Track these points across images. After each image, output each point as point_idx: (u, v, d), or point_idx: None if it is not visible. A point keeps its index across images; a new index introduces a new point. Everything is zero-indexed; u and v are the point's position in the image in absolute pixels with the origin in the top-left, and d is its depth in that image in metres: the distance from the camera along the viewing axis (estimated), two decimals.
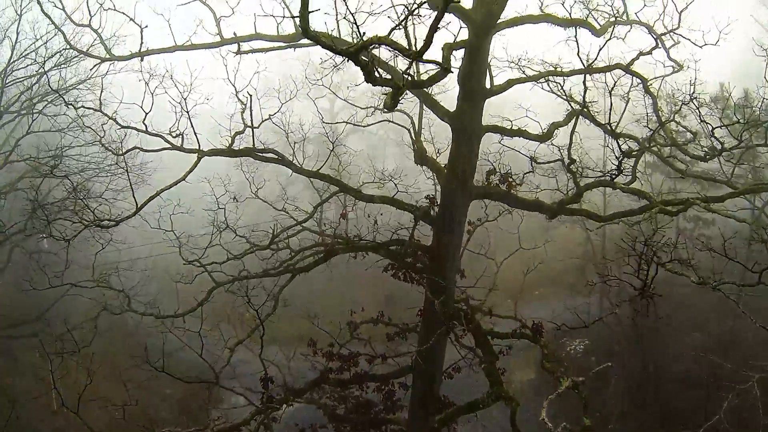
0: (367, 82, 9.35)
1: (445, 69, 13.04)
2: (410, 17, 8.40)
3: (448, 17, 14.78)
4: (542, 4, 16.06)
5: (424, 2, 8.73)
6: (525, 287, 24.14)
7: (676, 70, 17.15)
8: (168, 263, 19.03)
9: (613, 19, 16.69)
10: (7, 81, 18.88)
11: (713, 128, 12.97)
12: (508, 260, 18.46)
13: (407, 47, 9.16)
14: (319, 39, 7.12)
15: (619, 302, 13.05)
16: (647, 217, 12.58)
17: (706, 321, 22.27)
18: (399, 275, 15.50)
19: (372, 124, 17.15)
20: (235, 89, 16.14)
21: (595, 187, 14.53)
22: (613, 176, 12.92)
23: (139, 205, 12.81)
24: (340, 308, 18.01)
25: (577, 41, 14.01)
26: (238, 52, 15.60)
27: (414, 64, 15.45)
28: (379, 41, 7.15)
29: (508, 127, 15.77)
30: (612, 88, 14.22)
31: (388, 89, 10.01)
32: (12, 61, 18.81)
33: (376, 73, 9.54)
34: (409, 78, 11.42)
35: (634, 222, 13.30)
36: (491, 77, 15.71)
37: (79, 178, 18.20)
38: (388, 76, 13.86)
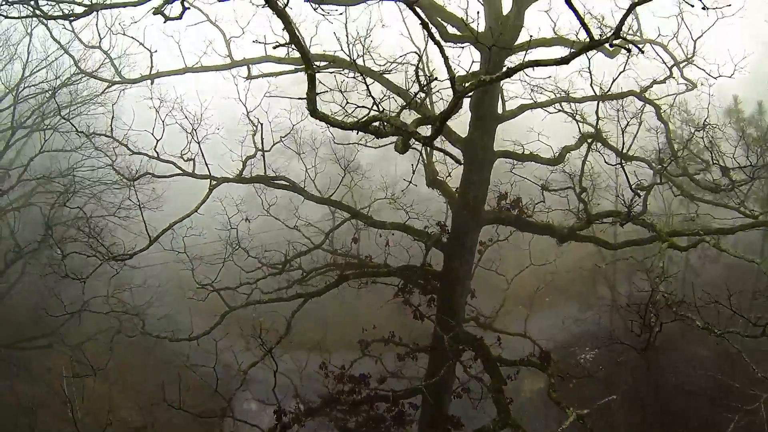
0: (378, 138, 9.56)
1: (457, 101, 13.25)
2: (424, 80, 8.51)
3: (459, 50, 14.92)
4: (555, 26, 16.12)
5: (434, 79, 8.88)
6: (535, 294, 24.46)
7: (689, 88, 17.20)
8: (181, 278, 19.42)
9: (626, 38, 16.77)
10: (20, 97, 19.11)
11: (726, 168, 12.97)
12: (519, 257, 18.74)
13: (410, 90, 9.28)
14: (327, 119, 7.32)
15: (621, 358, 13.20)
16: (657, 254, 12.71)
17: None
18: (410, 310, 15.79)
19: (383, 145, 17.25)
20: (246, 110, 16.38)
21: (605, 218, 14.65)
22: (624, 222, 13.02)
23: (151, 238, 13.10)
24: (351, 318, 18.31)
25: (590, 72, 14.02)
26: (249, 77, 15.75)
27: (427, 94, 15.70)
28: (388, 120, 7.32)
29: (520, 152, 15.93)
30: (625, 127, 14.19)
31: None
32: (24, 77, 19.05)
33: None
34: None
35: (644, 257, 13.43)
36: (503, 102, 15.83)
37: (91, 207, 18.53)
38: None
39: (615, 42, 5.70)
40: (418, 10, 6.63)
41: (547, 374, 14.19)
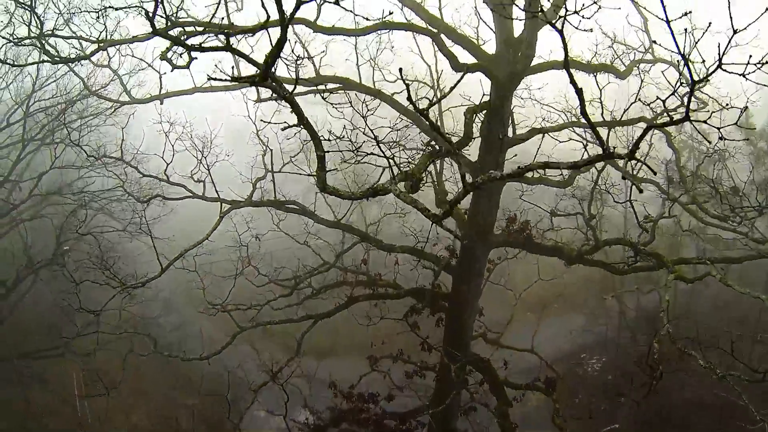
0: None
1: (466, 137, 13.41)
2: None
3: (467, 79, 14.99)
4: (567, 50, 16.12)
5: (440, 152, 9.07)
6: (543, 300, 24.78)
7: (700, 107, 17.23)
8: (191, 288, 19.79)
9: (638, 57, 16.81)
10: (30, 112, 19.28)
11: (736, 208, 13.09)
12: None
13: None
14: (338, 192, 7.54)
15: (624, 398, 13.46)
16: (664, 285, 12.92)
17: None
18: (417, 334, 16.09)
19: (393, 165, 17.39)
20: (256, 128, 16.58)
21: (614, 244, 14.84)
22: (632, 263, 13.22)
23: (163, 267, 13.40)
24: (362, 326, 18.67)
25: (602, 103, 14.12)
26: (258, 100, 15.89)
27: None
28: (398, 195, 7.50)
29: (529, 176, 16.07)
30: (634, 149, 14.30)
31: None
32: (34, 91, 19.18)
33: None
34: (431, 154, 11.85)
35: (649, 290, 13.62)
36: (514, 126, 15.94)
37: (102, 218, 18.82)
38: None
39: (632, 157, 5.83)
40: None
41: (552, 399, 14.54)
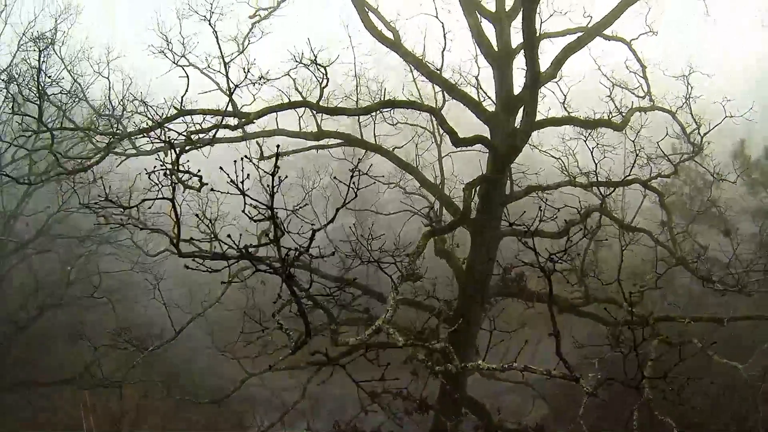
0: None
1: (465, 215, 14.30)
2: None
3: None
4: (566, 103, 16.87)
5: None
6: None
7: (696, 152, 18.07)
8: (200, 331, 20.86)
9: (636, 106, 17.55)
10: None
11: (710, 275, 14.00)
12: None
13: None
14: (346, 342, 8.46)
15: None
16: (649, 343, 13.99)
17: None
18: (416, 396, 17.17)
19: (395, 212, 18.32)
20: (260, 179, 17.31)
21: (603, 302, 15.89)
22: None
23: (177, 331, 14.41)
24: None
25: (597, 174, 14.92)
26: (261, 158, 16.57)
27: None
28: (405, 345, 8.46)
29: (524, 229, 16.97)
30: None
31: None
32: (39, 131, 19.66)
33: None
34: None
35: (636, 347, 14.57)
36: (512, 184, 16.75)
37: (110, 258, 19.69)
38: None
39: None
40: None
41: None
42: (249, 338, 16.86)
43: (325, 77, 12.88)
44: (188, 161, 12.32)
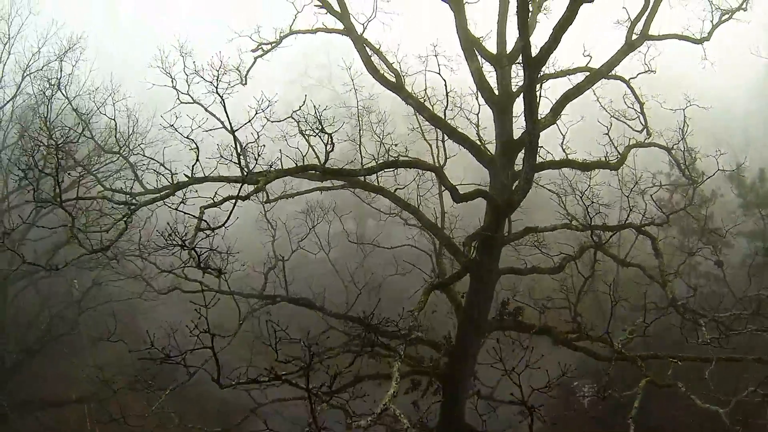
0: None
1: (466, 269, 15.17)
2: None
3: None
4: (564, 144, 17.54)
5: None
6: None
7: (692, 183, 18.89)
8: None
9: (633, 143, 18.22)
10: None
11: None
12: None
13: None
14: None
15: None
16: (636, 388, 15.07)
17: None
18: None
19: (397, 246, 19.14)
20: (264, 210, 18.15)
21: (596, 340, 16.90)
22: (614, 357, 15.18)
23: (191, 373, 15.38)
24: None
25: (591, 228, 15.68)
26: (267, 201, 17.27)
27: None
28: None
29: (522, 267, 17.90)
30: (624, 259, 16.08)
31: None
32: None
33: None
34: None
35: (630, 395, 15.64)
36: (510, 225, 17.52)
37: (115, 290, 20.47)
38: None
39: None
40: None
41: None
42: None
43: (330, 143, 13.52)
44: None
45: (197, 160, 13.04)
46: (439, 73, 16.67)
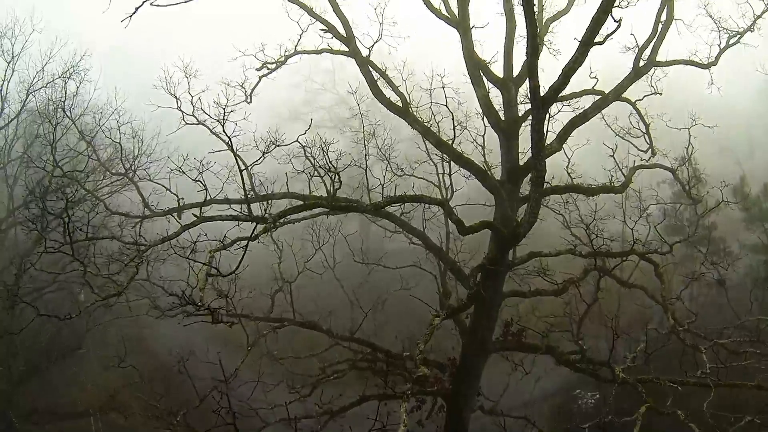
0: None
1: (472, 300, 15.44)
2: None
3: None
4: (569, 168, 17.68)
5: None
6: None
7: (695, 203, 19.12)
8: None
9: (637, 164, 18.38)
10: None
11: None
12: None
13: None
14: None
15: None
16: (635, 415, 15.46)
17: None
18: None
19: (402, 266, 19.38)
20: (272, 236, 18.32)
21: (597, 365, 17.27)
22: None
23: (201, 399, 15.77)
24: None
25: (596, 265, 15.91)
26: (269, 227, 17.39)
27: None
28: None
29: (526, 290, 18.20)
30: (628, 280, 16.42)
31: None
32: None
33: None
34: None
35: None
36: (514, 249, 17.73)
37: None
38: None
39: None
40: None
41: None
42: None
43: (338, 180, 13.70)
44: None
45: (205, 200, 13.16)
46: (446, 105, 16.67)
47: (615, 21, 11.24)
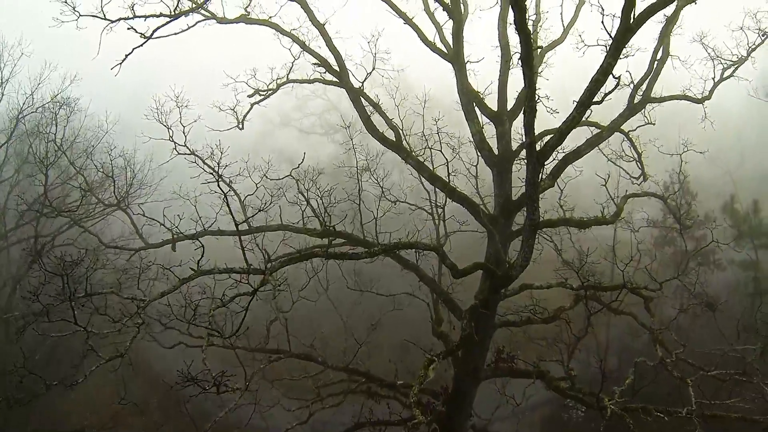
0: None
1: (467, 341, 15.68)
2: None
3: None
4: (561, 197, 17.80)
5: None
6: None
7: (686, 227, 19.35)
8: None
9: (629, 193, 18.55)
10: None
11: None
12: None
13: None
14: None
15: None
16: None
17: None
18: None
19: (395, 294, 19.58)
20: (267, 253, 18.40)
21: (587, 394, 17.64)
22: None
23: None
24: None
25: (585, 293, 16.15)
26: (268, 267, 17.46)
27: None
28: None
29: (517, 320, 18.47)
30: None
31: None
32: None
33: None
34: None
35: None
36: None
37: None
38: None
39: None
40: None
41: None
42: None
43: (333, 229, 13.81)
44: None
45: (202, 255, 13.20)
46: (440, 151, 16.70)
47: (615, 78, 11.39)
